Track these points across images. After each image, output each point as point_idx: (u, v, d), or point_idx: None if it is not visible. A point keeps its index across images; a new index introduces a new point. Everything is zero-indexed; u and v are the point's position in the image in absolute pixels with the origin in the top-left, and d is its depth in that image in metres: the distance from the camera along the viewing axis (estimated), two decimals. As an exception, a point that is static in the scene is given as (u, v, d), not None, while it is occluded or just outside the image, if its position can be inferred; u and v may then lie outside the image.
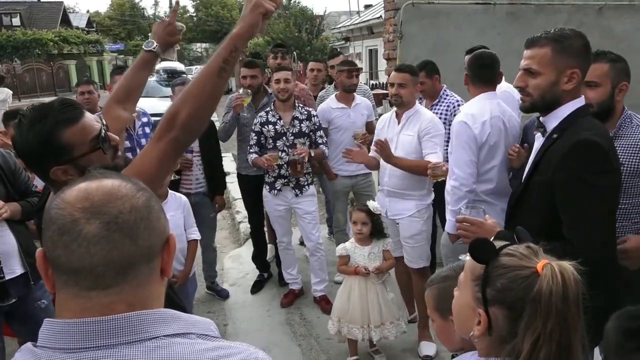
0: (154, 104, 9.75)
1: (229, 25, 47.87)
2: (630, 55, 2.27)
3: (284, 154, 3.91)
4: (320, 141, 4.06)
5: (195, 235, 3.43)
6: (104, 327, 0.80)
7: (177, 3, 2.09)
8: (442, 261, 4.43)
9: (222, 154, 4.52)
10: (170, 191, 3.35)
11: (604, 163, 1.66)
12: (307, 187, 4.04)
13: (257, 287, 4.55)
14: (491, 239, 1.11)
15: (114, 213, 0.82)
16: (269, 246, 4.87)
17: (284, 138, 3.94)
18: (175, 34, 2.01)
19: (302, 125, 3.97)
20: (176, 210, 3.32)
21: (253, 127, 4.03)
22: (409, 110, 3.36)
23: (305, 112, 4.03)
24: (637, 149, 2.15)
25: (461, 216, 1.99)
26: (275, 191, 4.00)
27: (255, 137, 4.00)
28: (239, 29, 1.48)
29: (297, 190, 3.98)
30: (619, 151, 2.17)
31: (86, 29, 36.09)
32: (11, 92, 12.70)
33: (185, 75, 6.02)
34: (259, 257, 4.68)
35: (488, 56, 2.91)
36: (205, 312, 4.18)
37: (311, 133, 4.02)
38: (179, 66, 15.43)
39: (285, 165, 3.91)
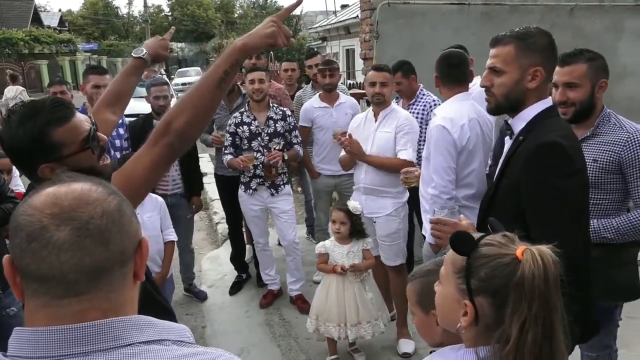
0: (130, 104, 9.61)
1: (205, 25, 47.57)
2: (601, 54, 2.31)
3: (259, 154, 3.89)
4: (295, 141, 4.06)
5: (172, 236, 3.40)
6: (77, 334, 0.78)
7: (173, 27, 2.22)
8: (420, 259, 4.48)
9: (200, 155, 4.50)
10: (145, 192, 3.30)
11: (568, 165, 1.64)
12: (282, 186, 4.03)
13: (235, 288, 4.52)
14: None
15: (84, 218, 0.80)
16: (247, 247, 4.84)
17: (259, 138, 3.92)
18: (166, 49, 2.13)
19: (277, 125, 3.96)
20: (153, 212, 3.28)
21: (227, 128, 4.00)
22: (385, 108, 3.39)
23: (280, 112, 4.02)
24: (613, 146, 2.19)
25: (435, 217, 2.00)
26: (251, 191, 3.98)
27: (230, 138, 3.97)
28: (243, 44, 1.48)
29: (272, 190, 3.97)
30: (595, 148, 2.22)
31: (58, 28, 35.40)
32: (22, 88, 12.43)
33: (160, 76, 5.95)
34: (237, 258, 4.65)
35: (456, 56, 2.87)
36: (183, 314, 4.13)
37: (286, 133, 4.01)
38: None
39: (260, 165, 3.90)
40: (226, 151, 3.99)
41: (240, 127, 3.94)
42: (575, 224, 1.68)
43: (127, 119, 4.03)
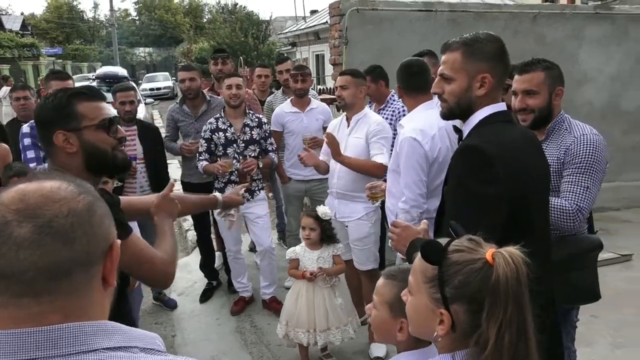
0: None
1: (173, 30, 47.06)
2: (562, 61, 2.39)
3: (234, 161, 3.87)
4: (270, 148, 4.05)
5: (140, 244, 3.33)
6: (37, 338, 0.76)
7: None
8: (392, 262, 4.51)
9: (169, 161, 4.44)
10: (112, 200, 3.25)
11: (486, 171, 1.57)
12: (257, 191, 4.01)
13: (205, 296, 4.47)
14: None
15: (48, 216, 0.78)
16: (217, 254, 4.80)
17: (235, 145, 3.89)
18: (238, 194, 2.37)
19: (252, 132, 3.94)
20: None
21: (202, 134, 3.96)
22: (358, 113, 3.40)
23: (256, 119, 4.00)
24: (560, 150, 2.26)
25: (394, 220, 2.01)
26: None
27: (205, 145, 3.93)
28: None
29: (248, 196, 3.94)
30: (549, 154, 2.28)
31: (20, 32, 34.41)
32: (8, 88, 12.13)
33: (127, 81, 5.86)
34: (206, 265, 4.61)
35: (416, 64, 2.84)
36: (152, 323, 4.06)
37: (262, 140, 3.99)
38: (120, 71, 15.07)
39: (236, 171, 3.87)
40: (201, 157, 3.95)
41: (216, 134, 3.90)
42: (489, 235, 1.62)
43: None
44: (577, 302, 2.39)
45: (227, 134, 3.89)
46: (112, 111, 1.67)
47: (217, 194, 2.34)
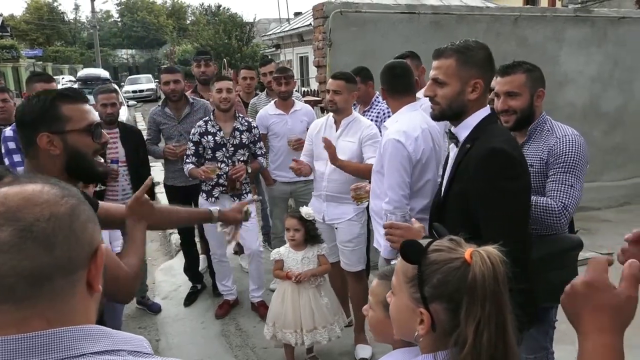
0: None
1: (156, 31, 46.71)
2: (544, 63, 2.43)
3: (223, 164, 3.84)
4: (259, 152, 4.03)
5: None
6: (21, 344, 0.74)
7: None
8: (376, 264, 4.52)
9: (152, 163, 4.41)
10: (94, 203, 3.21)
11: (514, 169, 1.74)
12: (245, 195, 3.98)
13: (190, 299, 4.43)
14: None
15: (29, 220, 0.77)
16: (202, 257, 4.76)
17: (224, 149, 3.87)
18: (239, 211, 2.37)
19: (242, 136, 3.91)
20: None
21: (191, 137, 3.92)
22: (347, 117, 3.40)
23: (246, 123, 3.97)
24: (543, 151, 2.30)
25: (388, 222, 2.03)
26: (213, 199, 3.91)
27: (193, 147, 3.90)
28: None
29: (235, 198, 3.92)
30: (530, 154, 2.32)
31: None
32: None
33: (109, 83, 5.80)
34: (191, 269, 4.57)
35: (400, 66, 2.86)
36: (136, 327, 4.02)
37: (251, 144, 3.97)
38: (102, 73, 14.91)
39: (224, 175, 3.85)
40: (187, 160, 3.91)
41: (205, 137, 3.87)
42: (522, 224, 1.77)
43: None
44: (557, 301, 2.41)
45: (216, 138, 3.86)
46: (95, 116, 1.66)
47: (212, 208, 2.29)
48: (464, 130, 1.87)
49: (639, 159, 6.80)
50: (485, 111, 1.86)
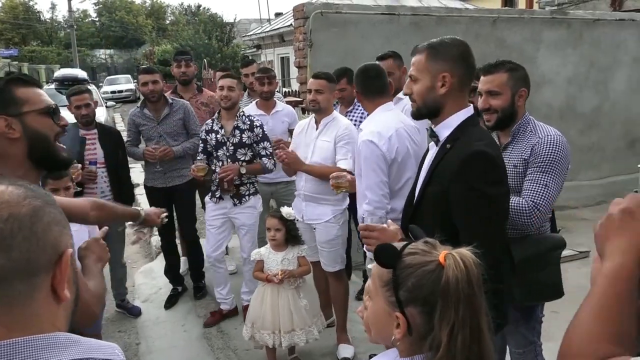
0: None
1: (135, 31, 46.18)
2: (522, 63, 2.44)
3: (222, 163, 3.82)
4: (263, 153, 3.87)
5: (102, 250, 3.25)
6: None
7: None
8: (358, 264, 4.54)
9: (132, 165, 4.36)
10: (72, 205, 3.16)
11: (495, 173, 1.74)
12: (247, 197, 3.89)
13: (171, 302, 4.38)
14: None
15: None
16: (182, 259, 4.72)
17: (224, 148, 3.83)
18: (158, 216, 2.37)
19: (243, 135, 3.84)
20: (80, 226, 3.13)
21: (200, 135, 3.95)
22: (326, 116, 3.41)
23: (248, 122, 3.88)
24: (526, 152, 2.32)
25: (363, 224, 2.02)
26: (216, 199, 3.89)
27: (202, 145, 3.92)
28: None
29: (236, 200, 3.87)
30: (514, 155, 2.34)
31: (-27, 32, 33.23)
32: None
33: (87, 83, 5.71)
34: (171, 271, 4.52)
35: (373, 68, 2.87)
36: (115, 331, 3.97)
37: (253, 144, 3.88)
38: (80, 73, 14.66)
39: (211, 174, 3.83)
40: (198, 157, 3.93)
41: (210, 135, 3.87)
42: (500, 228, 1.77)
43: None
44: (541, 299, 2.44)
45: (217, 136, 3.84)
46: (50, 100, 1.61)
47: (141, 208, 2.29)
48: (445, 129, 1.84)
49: (614, 159, 6.94)
50: (467, 112, 1.84)
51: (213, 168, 3.86)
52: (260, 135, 3.88)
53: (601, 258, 0.92)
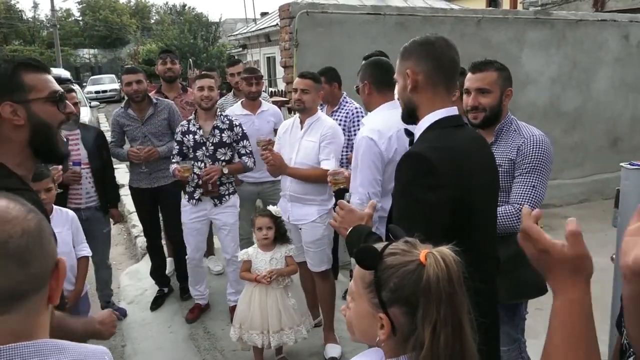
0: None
1: (119, 31, 45.74)
2: (506, 63, 2.46)
3: (202, 164, 3.80)
4: (243, 152, 3.91)
5: (86, 251, 3.22)
6: None
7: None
8: (345, 264, 4.54)
9: (117, 165, 4.32)
10: (55, 207, 3.12)
11: (428, 178, 1.59)
12: (227, 197, 3.90)
13: (157, 303, 4.35)
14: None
15: (3, 237, 0.74)
16: (169, 260, 4.69)
17: (204, 148, 3.81)
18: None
19: (223, 135, 3.84)
20: (63, 227, 3.10)
21: (175, 137, 3.91)
22: (311, 116, 3.40)
23: (227, 122, 3.88)
24: (510, 151, 2.34)
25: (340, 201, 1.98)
26: (194, 201, 3.86)
27: (177, 147, 3.88)
28: None
29: (216, 200, 3.86)
30: (498, 154, 2.35)
31: (-47, 32, 32.68)
32: None
33: (71, 83, 5.64)
34: (157, 272, 4.49)
35: (386, 62, 2.83)
36: (100, 334, 3.92)
37: (233, 143, 3.89)
38: (63, 73, 14.49)
39: (196, 176, 3.80)
40: (173, 160, 3.89)
41: (186, 136, 3.83)
42: (431, 240, 1.50)
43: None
44: (524, 297, 2.47)
45: (196, 137, 3.81)
46: (58, 86, 1.59)
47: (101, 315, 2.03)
48: (417, 131, 1.79)
49: (597, 157, 7.03)
50: (442, 113, 1.73)
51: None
52: (240, 134, 3.90)
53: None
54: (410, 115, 1.83)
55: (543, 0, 11.58)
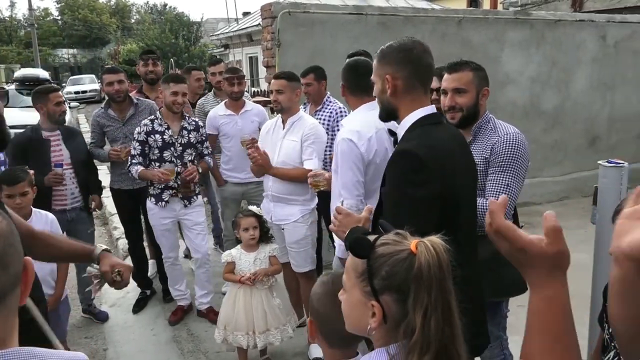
0: (16, 114, 8.87)
1: (99, 30, 45.15)
2: (486, 63, 2.50)
3: (171, 164, 3.76)
4: (205, 152, 3.99)
5: (66, 255, 3.17)
6: None
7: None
8: (329, 264, 4.54)
9: (98, 166, 4.29)
10: (34, 209, 3.07)
11: (419, 174, 1.65)
12: (195, 197, 3.92)
13: (139, 306, 4.31)
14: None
15: None
16: (151, 262, 4.64)
17: (172, 148, 3.77)
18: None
19: (190, 135, 3.83)
20: (43, 229, 3.04)
21: (136, 136, 3.76)
22: (293, 116, 3.40)
23: (193, 123, 3.90)
24: (485, 150, 2.36)
25: (337, 206, 2.01)
26: (163, 203, 3.81)
27: (139, 147, 3.75)
28: None
29: (185, 201, 3.85)
30: (475, 153, 2.37)
31: None
32: None
33: (49, 84, 5.55)
34: (139, 274, 4.44)
35: (363, 64, 2.76)
36: (82, 337, 3.88)
37: (198, 144, 3.91)
38: (42, 73, 14.27)
39: (176, 178, 3.75)
40: (134, 161, 3.75)
41: (152, 136, 3.75)
42: (422, 235, 1.68)
43: (14, 131, 3.72)
44: (506, 295, 2.49)
45: (164, 137, 3.76)
46: None
47: (99, 247, 1.94)
48: (401, 130, 1.86)
49: (576, 156, 7.14)
50: (422, 112, 1.81)
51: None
52: (205, 135, 3.98)
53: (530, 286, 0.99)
54: (389, 116, 1.90)
55: (523, 0, 11.73)
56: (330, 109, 3.97)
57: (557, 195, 6.82)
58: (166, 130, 3.77)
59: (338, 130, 3.88)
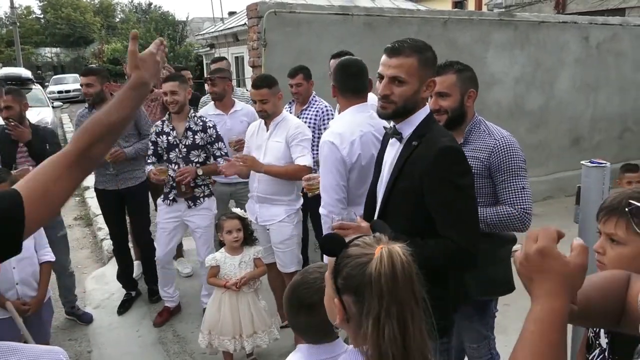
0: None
1: (82, 29, 44.63)
2: (472, 64, 2.48)
3: (176, 166, 3.75)
4: (218, 153, 3.84)
5: (49, 256, 3.14)
6: None
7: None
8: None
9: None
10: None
11: (464, 165, 1.89)
12: (202, 199, 3.84)
13: (124, 307, 4.27)
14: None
15: None
16: (136, 263, 4.60)
17: (177, 150, 3.76)
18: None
19: (196, 136, 3.77)
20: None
21: (150, 137, 3.88)
22: (276, 117, 3.39)
23: (201, 123, 3.80)
24: (482, 153, 2.36)
25: (337, 223, 2.02)
26: (169, 201, 3.81)
27: (152, 148, 3.85)
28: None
29: (190, 202, 3.81)
30: (468, 155, 2.39)
31: None
32: None
33: (30, 83, 5.46)
34: (124, 275, 4.40)
35: (354, 64, 2.63)
36: (66, 339, 3.83)
37: (207, 145, 3.82)
38: (24, 72, 14.06)
39: (171, 178, 3.74)
40: (148, 160, 3.85)
41: (160, 137, 3.79)
42: (474, 217, 1.92)
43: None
44: (494, 294, 2.51)
45: (169, 138, 3.77)
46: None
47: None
48: (407, 127, 1.96)
49: (559, 156, 7.22)
50: (426, 110, 1.99)
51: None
52: (214, 136, 3.83)
53: (530, 295, 0.96)
54: (405, 115, 1.97)
55: (507, 2, 11.84)
56: (316, 107, 3.98)
57: (542, 194, 6.89)
58: (171, 132, 3.77)
59: (324, 128, 3.89)
